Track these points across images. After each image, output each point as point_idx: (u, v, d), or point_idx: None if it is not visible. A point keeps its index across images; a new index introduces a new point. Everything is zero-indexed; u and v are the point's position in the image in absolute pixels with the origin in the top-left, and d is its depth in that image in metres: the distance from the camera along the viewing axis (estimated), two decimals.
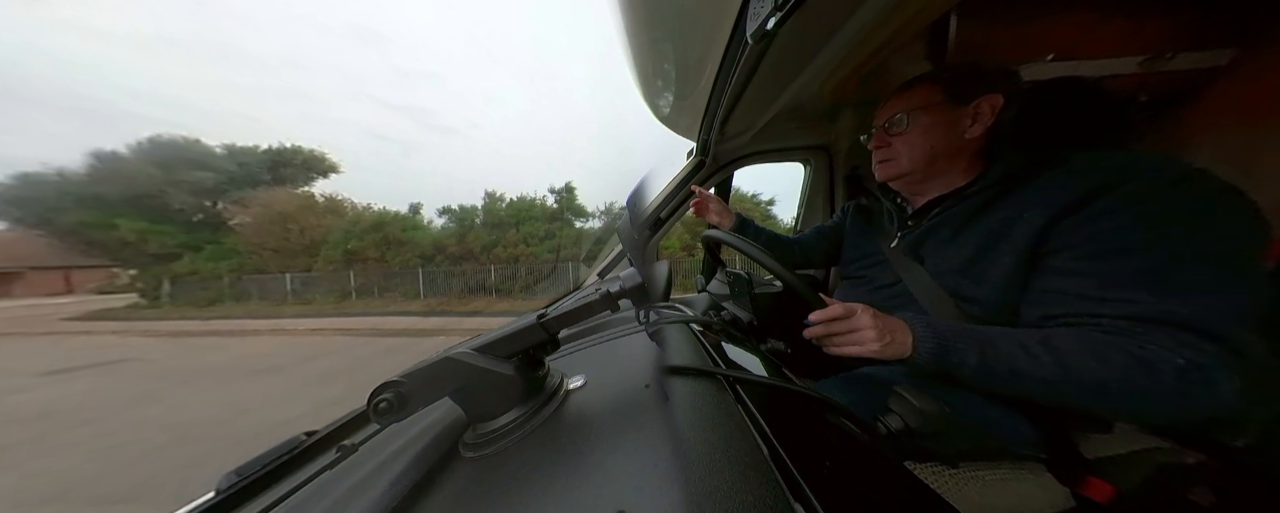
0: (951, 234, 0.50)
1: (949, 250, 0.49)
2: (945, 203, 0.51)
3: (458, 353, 0.25)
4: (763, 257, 0.49)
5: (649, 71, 0.61)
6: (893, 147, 0.53)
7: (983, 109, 0.46)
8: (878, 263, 0.62)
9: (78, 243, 12.64)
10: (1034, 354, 0.34)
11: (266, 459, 0.35)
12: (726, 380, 0.28)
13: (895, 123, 0.51)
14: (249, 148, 14.12)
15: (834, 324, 0.40)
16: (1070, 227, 0.38)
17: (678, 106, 0.74)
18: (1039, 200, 0.40)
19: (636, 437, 0.23)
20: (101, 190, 12.46)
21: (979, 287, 0.45)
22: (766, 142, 1.14)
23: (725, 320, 0.65)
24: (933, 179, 0.52)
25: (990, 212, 0.45)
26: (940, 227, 0.51)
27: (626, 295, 0.29)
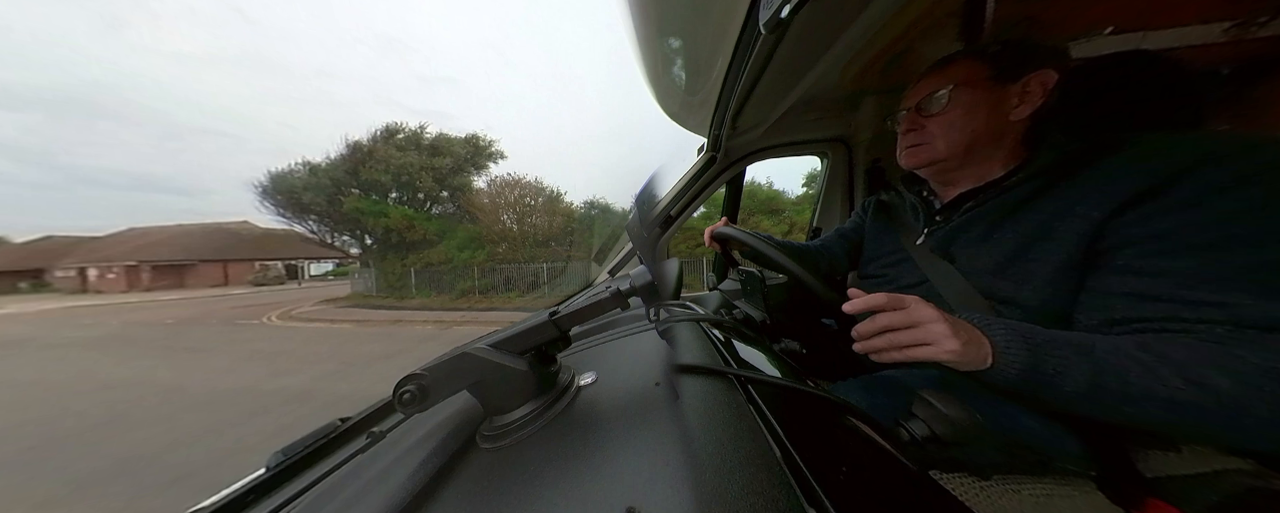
0: (986, 231, 0.45)
1: (983, 248, 0.45)
2: (979, 196, 0.47)
3: (474, 348, 0.26)
4: (773, 252, 0.48)
5: (658, 68, 0.60)
6: (927, 129, 0.47)
7: (1032, 88, 0.41)
8: (900, 261, 0.58)
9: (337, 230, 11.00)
10: (1150, 367, 0.27)
11: (308, 441, 0.39)
12: (738, 380, 0.28)
13: (933, 102, 0.45)
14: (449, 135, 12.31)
15: (888, 318, 0.32)
16: (1137, 220, 0.33)
17: (687, 102, 0.73)
18: (1094, 192, 0.36)
19: (646, 434, 0.23)
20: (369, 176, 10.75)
21: (1019, 288, 0.41)
22: (781, 135, 1.10)
23: (737, 319, 0.64)
24: (967, 167, 0.47)
25: (1032, 206, 0.41)
26: (974, 222, 0.47)
27: (636, 293, 0.29)
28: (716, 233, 0.70)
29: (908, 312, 0.32)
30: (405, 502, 0.21)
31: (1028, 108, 0.42)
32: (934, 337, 0.31)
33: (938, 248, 0.52)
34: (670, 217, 1.07)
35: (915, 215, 0.59)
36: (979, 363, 0.30)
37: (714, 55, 0.51)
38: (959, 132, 0.45)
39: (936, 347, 0.31)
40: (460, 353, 0.25)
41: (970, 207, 0.48)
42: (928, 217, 0.55)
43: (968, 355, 0.30)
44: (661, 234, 1.07)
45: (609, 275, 1.12)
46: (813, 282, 0.44)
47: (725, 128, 0.82)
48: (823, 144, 1.19)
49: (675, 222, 1.09)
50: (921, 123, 0.48)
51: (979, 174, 0.48)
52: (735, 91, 0.61)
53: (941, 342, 0.30)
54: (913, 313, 0.32)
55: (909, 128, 0.50)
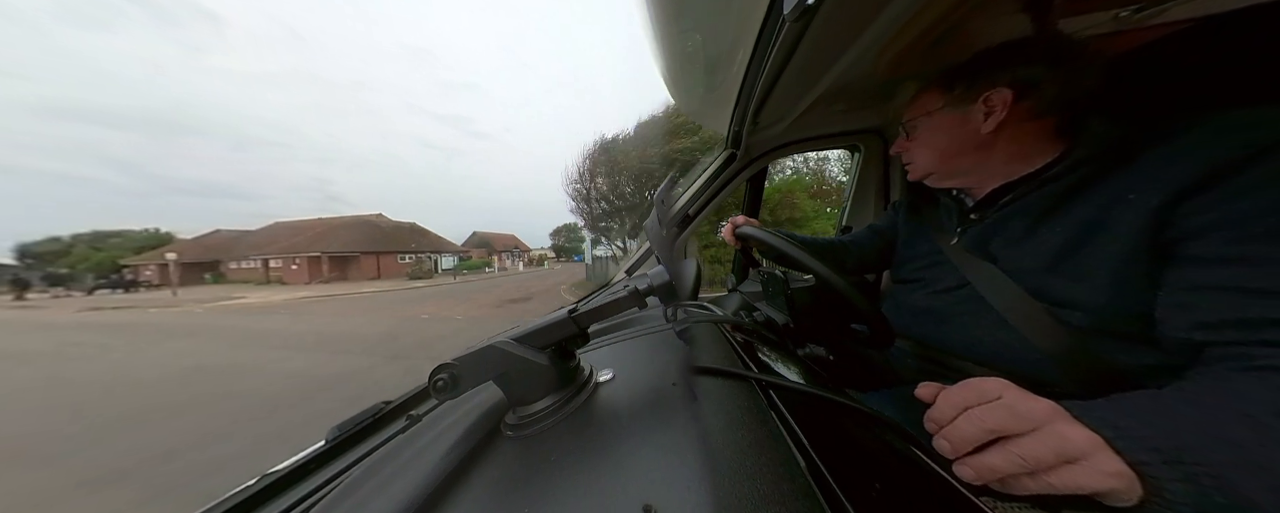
0: (1028, 226, 0.42)
1: (1027, 245, 0.42)
2: (1017, 189, 0.43)
3: (499, 341, 0.27)
4: (798, 252, 0.46)
5: (676, 65, 0.60)
6: (911, 149, 0.52)
7: (993, 102, 0.42)
8: (936, 263, 0.54)
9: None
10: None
11: (359, 420, 0.43)
12: (759, 385, 0.27)
13: (908, 126, 0.51)
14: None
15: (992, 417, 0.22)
16: (1210, 203, 0.29)
17: (706, 99, 0.71)
18: (1150, 177, 0.32)
19: (663, 434, 0.23)
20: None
21: (1077, 286, 0.36)
22: (806, 129, 1.04)
23: (758, 322, 0.61)
24: (971, 174, 0.48)
25: (1082, 196, 0.38)
26: (1013, 218, 0.44)
27: (654, 293, 0.29)
28: (738, 232, 0.68)
29: (1010, 407, 0.22)
30: (436, 483, 0.22)
31: (996, 120, 0.42)
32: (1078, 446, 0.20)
33: (974, 247, 0.49)
34: (688, 216, 1.06)
35: (948, 214, 0.55)
36: (1130, 493, 0.20)
37: (734, 49, 0.50)
38: (932, 149, 0.50)
39: (1088, 469, 0.20)
40: (487, 345, 0.27)
41: (1008, 201, 0.44)
42: (960, 215, 0.53)
43: (1128, 485, 0.20)
44: (680, 234, 1.06)
45: (626, 275, 1.13)
46: (843, 284, 0.41)
47: (746, 124, 0.80)
48: (854, 137, 1.11)
49: (693, 221, 1.07)
50: (906, 144, 0.53)
51: (1008, 169, 0.44)
52: (757, 86, 0.58)
53: (1094, 458, 0.20)
54: (1018, 407, 0.22)
55: (901, 147, 0.55)
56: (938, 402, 0.27)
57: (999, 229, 0.45)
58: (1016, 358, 0.41)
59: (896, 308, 0.60)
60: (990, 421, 0.23)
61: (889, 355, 0.59)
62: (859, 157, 1.16)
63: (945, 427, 0.25)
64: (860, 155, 1.15)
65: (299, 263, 22.02)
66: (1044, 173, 0.41)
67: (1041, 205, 0.41)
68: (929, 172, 0.51)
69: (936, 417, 0.26)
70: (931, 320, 0.52)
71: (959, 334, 0.48)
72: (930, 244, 0.56)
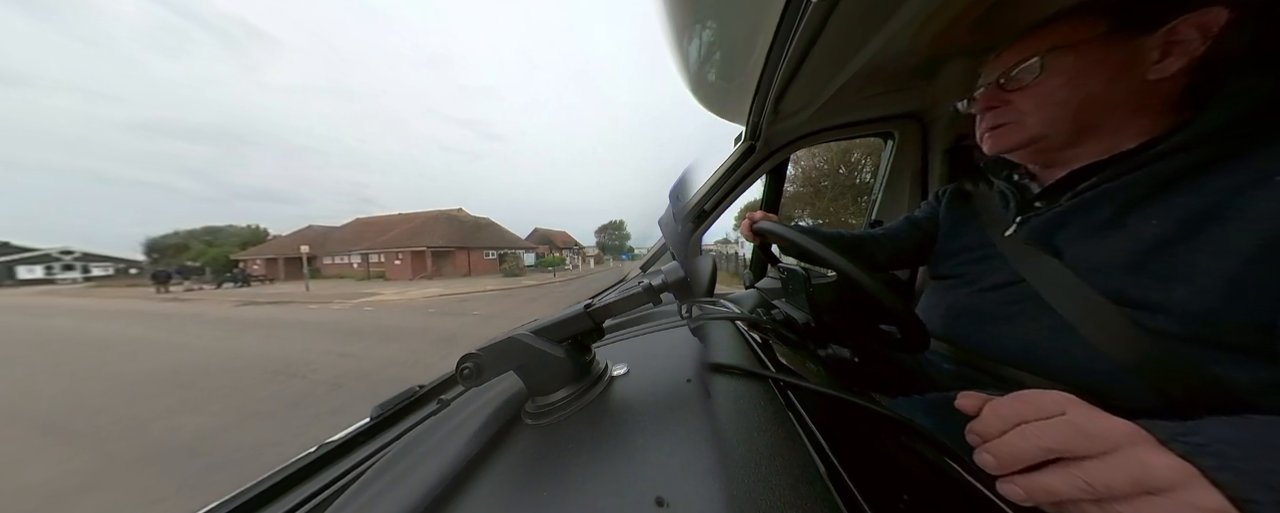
0: (1115, 214, 0.35)
1: (1108, 238, 0.35)
2: (1107, 171, 0.36)
3: (519, 334, 0.28)
4: (821, 248, 0.42)
5: (692, 56, 0.58)
6: (1012, 105, 0.38)
7: (1184, 36, 0.30)
8: (985, 258, 0.47)
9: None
10: None
11: (398, 401, 0.47)
12: (776, 385, 0.26)
13: (1022, 72, 0.36)
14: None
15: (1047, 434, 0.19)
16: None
17: (723, 89, 0.69)
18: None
19: (676, 429, 0.23)
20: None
21: (1168, 288, 0.30)
22: (833, 117, 0.97)
23: (776, 320, 0.59)
24: (1083, 144, 0.37)
25: (1196, 180, 0.31)
26: (1097, 205, 0.36)
27: (669, 289, 0.29)
28: (756, 227, 0.64)
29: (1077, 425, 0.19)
30: (463, 463, 0.24)
31: (1178, 61, 0.31)
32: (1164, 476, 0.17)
33: (1035, 239, 0.41)
34: (704, 211, 1.03)
35: (1004, 202, 0.47)
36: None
37: (754, 35, 0.47)
38: (1059, 105, 0.36)
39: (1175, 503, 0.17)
40: (508, 337, 0.28)
41: (1089, 186, 0.37)
42: (1021, 203, 0.45)
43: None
44: (695, 230, 1.04)
45: (641, 271, 1.13)
46: (870, 281, 0.38)
47: (765, 114, 0.76)
48: (888, 123, 1.02)
49: (710, 217, 1.05)
50: (1005, 98, 0.39)
51: (1106, 145, 0.36)
52: (778, 73, 0.55)
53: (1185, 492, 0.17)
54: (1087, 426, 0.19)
55: (989, 105, 0.40)
56: (984, 413, 0.23)
57: (1072, 219, 0.38)
58: (1080, 367, 0.35)
59: (933, 307, 0.54)
60: (1050, 438, 0.20)
61: (922, 360, 0.54)
62: (892, 144, 1.07)
63: (992, 441, 0.22)
64: (893, 143, 1.06)
65: (402, 258, 20.01)
66: (1146, 150, 0.33)
67: (1137, 191, 0.33)
68: (1038, 136, 0.38)
69: (981, 429, 0.23)
70: (974, 322, 0.47)
71: (1008, 338, 0.42)
72: (978, 236, 0.50)
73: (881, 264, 0.69)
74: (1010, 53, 0.39)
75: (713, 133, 1.04)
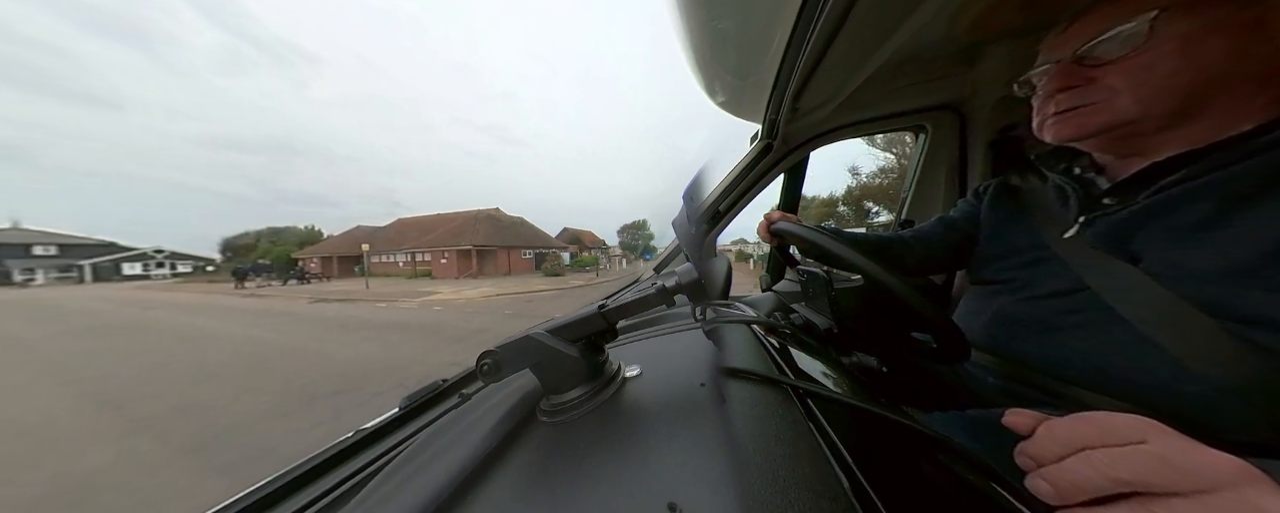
0: (1215, 212, 0.30)
1: (1207, 241, 0.30)
2: (1208, 161, 0.30)
3: (535, 332, 0.29)
4: (846, 250, 0.40)
5: (706, 54, 0.57)
6: (1098, 83, 0.32)
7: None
8: (1038, 261, 0.42)
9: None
10: None
11: (422, 394, 0.50)
12: (795, 392, 0.25)
13: (1112, 41, 0.30)
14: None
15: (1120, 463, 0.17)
16: None
17: (738, 87, 0.67)
18: None
19: (689, 434, 0.23)
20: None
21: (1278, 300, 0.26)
22: (857, 111, 0.92)
23: (795, 325, 0.57)
24: (1182, 127, 0.31)
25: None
26: (1189, 201, 0.31)
27: (682, 291, 0.28)
28: (774, 228, 0.61)
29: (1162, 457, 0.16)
30: (481, 457, 0.25)
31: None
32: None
33: (1106, 242, 0.36)
34: (719, 212, 1.01)
35: (1062, 199, 0.42)
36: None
37: (770, 29, 0.46)
38: (1166, 78, 0.29)
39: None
40: (525, 336, 0.29)
41: (1178, 180, 0.32)
42: (1086, 200, 0.40)
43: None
44: (709, 231, 1.02)
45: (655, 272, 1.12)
46: (901, 286, 0.35)
47: (783, 111, 0.73)
48: (919, 116, 0.95)
49: (724, 218, 1.03)
50: (1089, 75, 0.33)
51: (1206, 130, 0.30)
52: (797, 68, 0.53)
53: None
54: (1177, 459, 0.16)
55: (1064, 85, 0.34)
56: (1038, 434, 0.21)
57: (1153, 219, 0.33)
58: (1162, 388, 0.30)
59: (974, 315, 0.50)
60: (1127, 469, 0.17)
61: (961, 372, 0.50)
62: (924, 139, 1.00)
63: (1048, 466, 0.19)
64: (926, 137, 0.99)
65: (448, 257, 19.88)
66: (1258, 136, 0.28)
67: (1248, 184, 0.28)
68: (1132, 117, 0.32)
69: (1035, 452, 0.20)
70: (1025, 332, 0.42)
71: (1070, 352, 0.37)
72: (1029, 237, 0.44)
73: (912, 268, 0.63)
74: (1093, 19, 0.32)
75: (729, 132, 1.01)
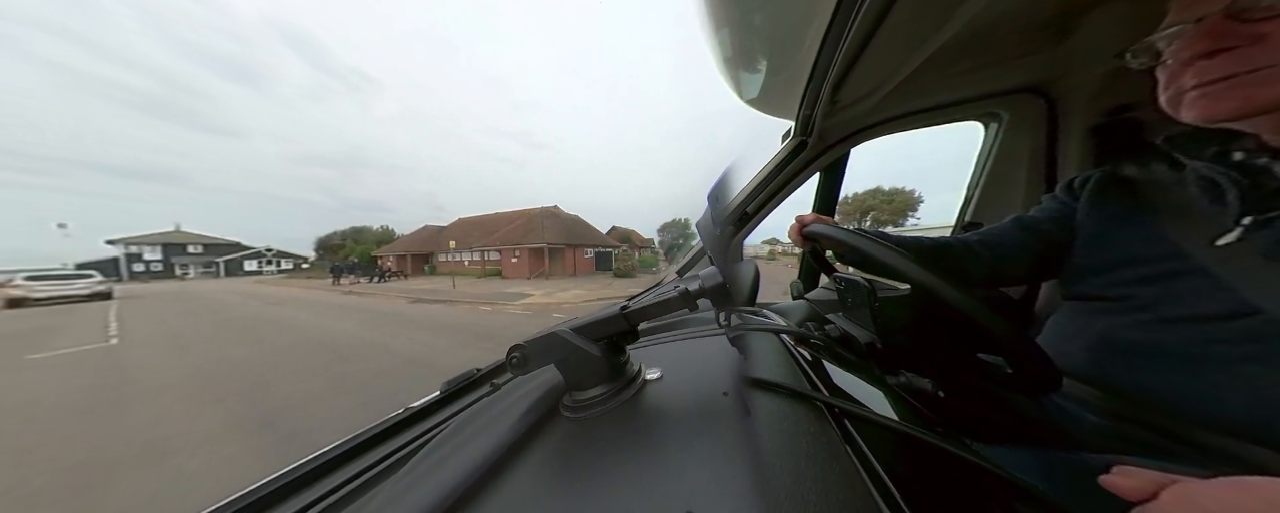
0: None
1: None
2: None
3: (560, 329, 0.30)
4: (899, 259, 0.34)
5: (735, 52, 0.55)
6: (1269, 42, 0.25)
7: None
8: (1172, 275, 0.34)
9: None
10: None
11: (459, 381, 0.55)
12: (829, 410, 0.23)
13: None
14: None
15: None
16: None
17: (770, 83, 0.64)
18: None
19: (709, 442, 0.22)
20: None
21: None
22: (908, 101, 0.82)
23: (830, 336, 0.51)
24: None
25: None
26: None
27: (705, 295, 0.28)
28: (807, 231, 0.56)
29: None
30: (506, 446, 0.26)
31: None
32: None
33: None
34: (747, 214, 0.96)
35: (1211, 194, 0.33)
36: None
37: (806, 18, 0.43)
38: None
39: None
40: (550, 332, 0.30)
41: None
42: (1253, 195, 0.31)
43: None
44: (736, 233, 0.98)
45: (677, 275, 1.11)
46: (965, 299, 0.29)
47: (820, 106, 0.67)
48: (990, 103, 0.82)
49: (752, 220, 0.97)
50: (1254, 33, 0.26)
51: None
52: (837, 55, 0.48)
53: None
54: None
55: (1214, 48, 0.27)
56: (1164, 500, 0.16)
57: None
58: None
59: (1069, 338, 0.42)
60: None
61: (1046, 404, 0.42)
62: (996, 129, 0.86)
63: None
64: (999, 127, 0.85)
65: (519, 255, 18.74)
66: None
67: None
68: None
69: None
70: (1148, 363, 0.34)
71: (1220, 392, 0.30)
72: (1154, 243, 0.37)
73: (979, 278, 0.53)
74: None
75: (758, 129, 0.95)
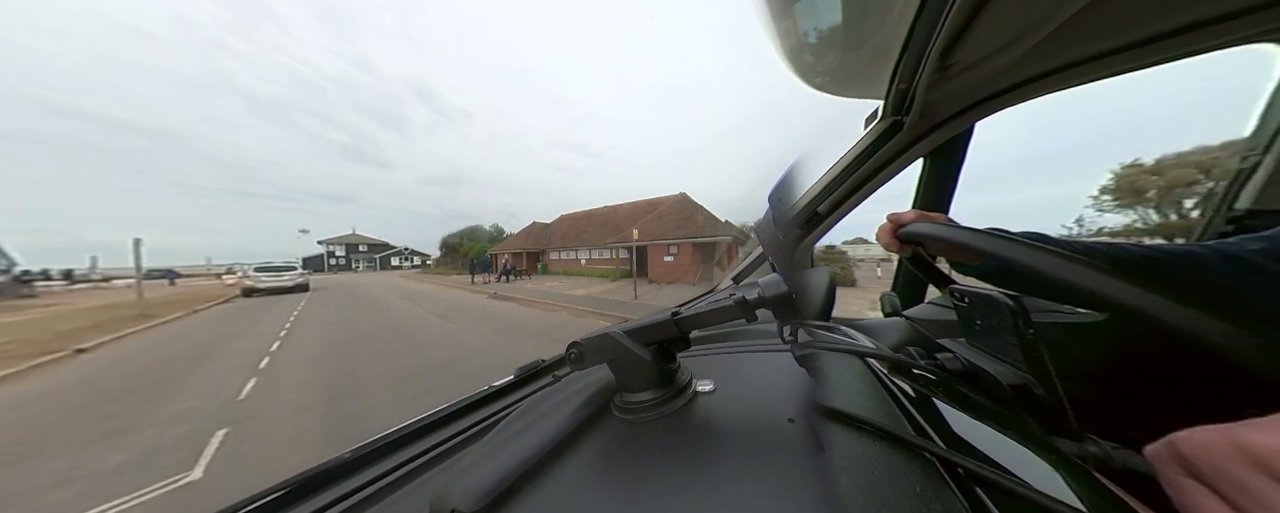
0: None
1: None
2: None
3: (613, 331, 0.31)
4: (1123, 288, 0.20)
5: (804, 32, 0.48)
6: None
7: None
8: None
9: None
10: None
11: (528, 369, 0.63)
12: (946, 467, 0.17)
13: None
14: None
15: None
16: None
17: (847, 61, 0.53)
18: None
19: (772, 473, 0.20)
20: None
21: None
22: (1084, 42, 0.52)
23: (946, 369, 0.38)
24: None
25: None
26: None
27: (766, 306, 0.25)
28: (906, 231, 0.42)
29: None
30: (562, 436, 0.28)
31: None
32: None
33: None
34: (817, 215, 0.81)
35: None
36: None
37: None
38: None
39: None
40: (604, 333, 0.32)
41: None
42: None
43: None
44: (803, 237, 0.84)
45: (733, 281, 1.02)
46: (1244, 342, 0.16)
47: (923, 75, 0.51)
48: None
49: (824, 221, 0.82)
50: None
51: None
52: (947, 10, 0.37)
53: None
54: None
55: None
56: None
57: None
58: None
59: None
60: None
61: None
62: None
63: None
64: None
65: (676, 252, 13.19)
66: None
67: None
68: None
69: None
70: None
71: None
72: None
73: (1272, 307, 0.31)
74: None
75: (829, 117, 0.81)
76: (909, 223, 0.44)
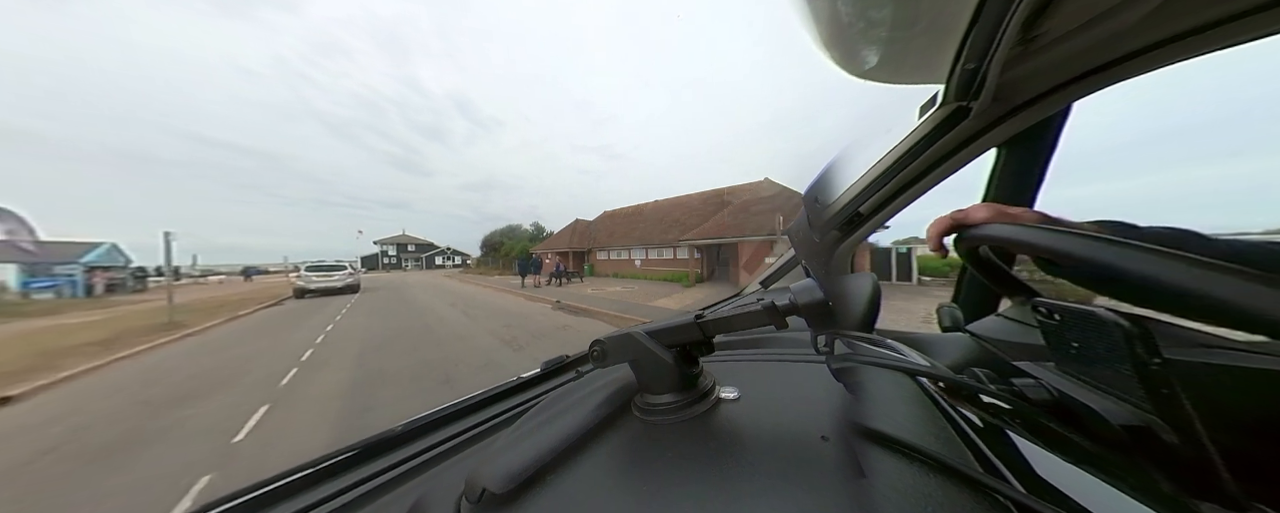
0: None
1: None
2: None
3: (635, 331, 0.31)
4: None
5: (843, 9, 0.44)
6: None
7: None
8: None
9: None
10: None
11: (552, 363, 0.66)
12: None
13: None
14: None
15: None
16: None
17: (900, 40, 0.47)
18: None
19: (803, 495, 0.18)
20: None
21: None
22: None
23: (1026, 397, 0.31)
24: None
25: None
26: None
27: (798, 312, 0.23)
28: (979, 232, 0.34)
29: None
30: (583, 431, 0.28)
31: None
32: None
33: None
34: (858, 215, 0.69)
35: None
36: None
37: None
38: None
39: None
40: (626, 333, 0.32)
41: None
42: None
43: None
44: (842, 239, 0.75)
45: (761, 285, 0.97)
46: None
47: (998, 51, 0.42)
48: None
49: (867, 222, 0.73)
50: None
51: None
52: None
53: None
54: None
55: None
56: None
57: None
58: None
59: None
60: None
61: None
62: None
63: None
64: None
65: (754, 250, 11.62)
66: None
67: None
68: None
69: None
70: None
71: None
72: None
73: None
74: None
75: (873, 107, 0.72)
76: (983, 222, 0.35)
